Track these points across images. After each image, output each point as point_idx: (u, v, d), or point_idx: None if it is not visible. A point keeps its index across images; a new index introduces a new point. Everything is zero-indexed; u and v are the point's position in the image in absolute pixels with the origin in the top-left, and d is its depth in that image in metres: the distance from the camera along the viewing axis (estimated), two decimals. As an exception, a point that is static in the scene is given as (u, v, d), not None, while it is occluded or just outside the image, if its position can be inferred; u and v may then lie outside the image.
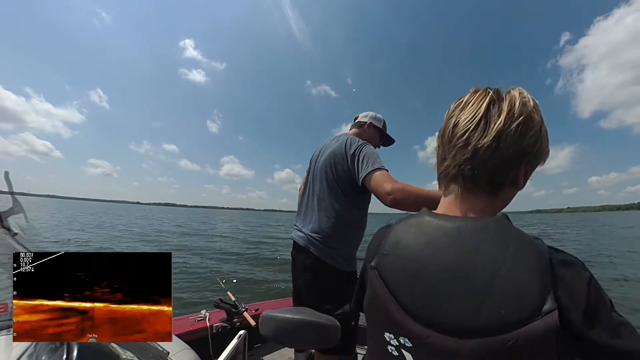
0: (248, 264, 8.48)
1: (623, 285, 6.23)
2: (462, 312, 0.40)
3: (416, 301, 0.44)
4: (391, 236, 0.53)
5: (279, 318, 0.79)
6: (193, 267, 7.34)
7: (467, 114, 0.49)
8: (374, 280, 0.51)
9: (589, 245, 14.23)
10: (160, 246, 12.22)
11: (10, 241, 0.89)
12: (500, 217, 0.46)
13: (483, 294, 0.39)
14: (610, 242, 15.02)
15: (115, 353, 0.71)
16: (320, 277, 1.34)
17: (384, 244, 0.53)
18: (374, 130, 1.57)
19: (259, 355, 2.14)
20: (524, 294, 0.38)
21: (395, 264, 0.49)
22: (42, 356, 0.66)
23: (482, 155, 0.46)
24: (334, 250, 1.33)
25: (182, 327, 1.89)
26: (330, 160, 1.38)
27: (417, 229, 0.50)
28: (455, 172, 0.50)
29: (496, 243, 0.42)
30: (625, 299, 5.12)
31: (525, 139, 0.46)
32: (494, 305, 0.38)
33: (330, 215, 1.36)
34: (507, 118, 0.46)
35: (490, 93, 0.49)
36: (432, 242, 0.47)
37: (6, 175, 0.90)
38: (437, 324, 0.42)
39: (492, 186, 0.49)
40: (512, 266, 0.39)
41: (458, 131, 0.49)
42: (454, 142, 0.50)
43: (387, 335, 0.47)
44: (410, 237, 0.50)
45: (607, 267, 8.32)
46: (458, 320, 0.40)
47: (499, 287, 0.39)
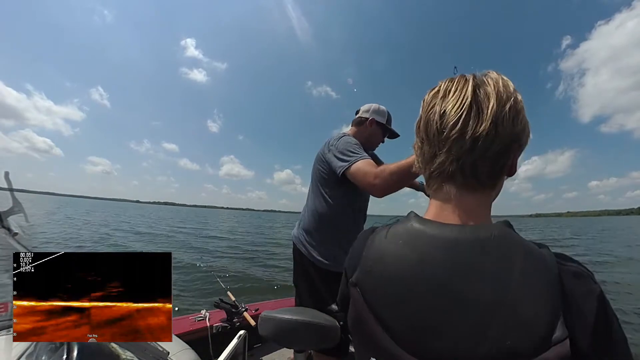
0: (248, 264, 8.48)
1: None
2: (458, 343, 0.34)
3: (405, 329, 0.37)
4: (374, 247, 0.45)
5: (278, 318, 0.79)
6: (193, 267, 7.34)
7: (452, 101, 0.42)
8: (356, 298, 0.44)
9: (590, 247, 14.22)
10: (161, 246, 12.23)
11: (10, 241, 0.89)
12: (502, 224, 0.40)
13: (485, 321, 0.33)
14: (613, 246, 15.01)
15: (115, 353, 0.71)
16: (308, 275, 1.36)
17: (366, 255, 0.46)
18: (376, 127, 1.43)
19: (259, 355, 2.14)
20: (532, 320, 0.32)
21: (380, 283, 0.41)
22: (42, 356, 0.66)
23: (483, 144, 0.40)
24: (317, 249, 1.34)
25: (182, 327, 1.89)
26: (315, 160, 1.41)
27: (405, 241, 0.42)
28: (453, 167, 0.42)
29: (499, 258, 0.36)
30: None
31: (518, 121, 0.42)
32: (498, 335, 0.32)
33: (314, 214, 1.38)
34: (498, 100, 0.40)
35: (471, 77, 0.44)
36: (423, 258, 0.39)
37: (6, 175, 0.91)
38: (429, 356, 0.35)
39: (493, 178, 0.44)
40: (518, 287, 0.34)
41: (449, 121, 0.42)
42: (446, 134, 0.42)
43: None
44: (396, 251, 0.42)
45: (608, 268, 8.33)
46: (454, 352, 0.34)
47: (504, 312, 0.33)
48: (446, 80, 0.47)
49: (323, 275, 1.33)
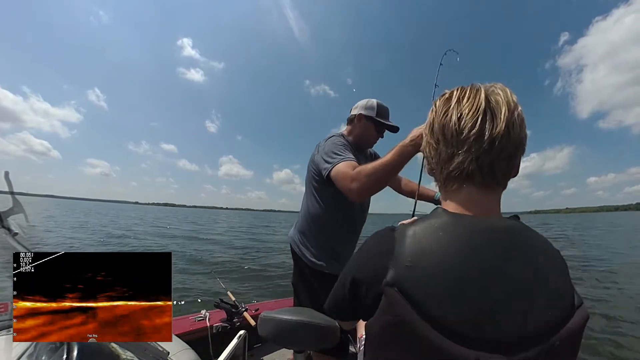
0: (248, 264, 8.48)
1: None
2: (512, 322, 0.37)
3: (461, 319, 0.37)
4: (409, 243, 0.43)
5: (277, 319, 0.79)
6: (193, 267, 7.34)
7: (468, 106, 0.46)
8: (396, 301, 0.39)
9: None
10: (161, 245, 12.23)
11: (11, 241, 0.89)
12: (515, 217, 0.46)
13: (530, 298, 0.38)
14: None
15: (115, 353, 0.71)
16: (304, 276, 1.36)
17: (400, 252, 0.42)
18: (365, 121, 1.36)
19: (259, 355, 2.14)
20: (561, 292, 0.40)
21: (427, 277, 0.39)
22: (42, 356, 0.66)
23: (499, 145, 0.44)
24: (310, 250, 1.34)
25: (182, 327, 1.89)
26: (309, 162, 1.40)
27: (445, 232, 0.42)
28: (473, 167, 0.45)
29: (527, 242, 0.42)
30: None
31: (523, 127, 0.47)
32: (541, 308, 0.37)
33: (307, 215, 1.39)
34: (508, 107, 0.45)
35: (481, 86, 0.48)
36: (468, 246, 0.41)
37: (6, 175, 0.91)
38: (486, 341, 0.36)
39: (507, 177, 0.48)
40: (545, 265, 0.40)
41: (467, 123, 0.45)
42: (465, 134, 0.45)
43: None
44: (439, 242, 0.42)
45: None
46: (509, 332, 0.36)
47: (542, 288, 0.39)
48: (457, 88, 0.51)
49: (318, 276, 1.32)
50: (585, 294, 5.15)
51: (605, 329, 3.84)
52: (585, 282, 6.33)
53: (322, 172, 1.22)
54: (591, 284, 6.24)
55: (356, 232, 1.45)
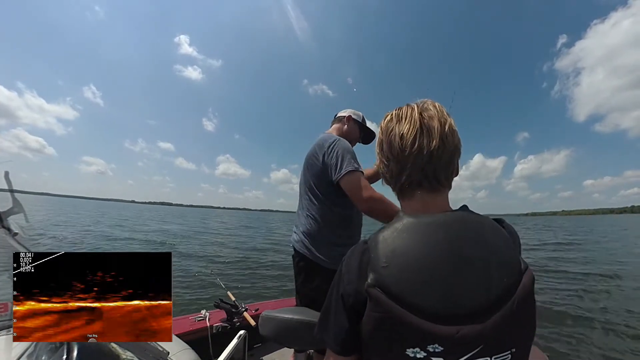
0: (248, 264, 8.48)
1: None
2: (477, 294, 0.44)
3: (438, 302, 0.44)
4: (381, 248, 0.50)
5: (278, 318, 0.79)
6: (193, 267, 7.34)
7: (407, 125, 0.56)
8: (380, 299, 0.45)
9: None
10: (160, 245, 12.23)
11: (11, 241, 0.89)
12: (463, 207, 0.56)
13: (489, 271, 0.46)
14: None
15: (115, 353, 0.71)
16: (310, 277, 1.38)
17: (375, 258, 0.49)
18: (353, 123, 1.58)
19: (259, 355, 2.14)
20: (511, 260, 0.48)
21: (402, 272, 0.46)
22: (42, 356, 0.66)
23: (437, 155, 0.55)
24: (320, 251, 1.35)
25: (182, 327, 1.89)
26: (307, 161, 1.42)
27: (408, 232, 0.50)
28: (419, 176, 0.56)
29: (477, 226, 0.50)
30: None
31: (456, 136, 0.58)
32: (498, 277, 0.45)
33: (312, 216, 1.40)
34: (440, 123, 0.56)
35: (415, 105, 0.59)
36: (430, 238, 0.49)
37: (6, 175, 0.91)
38: (463, 316, 0.43)
39: (449, 179, 0.59)
40: (494, 241, 0.49)
41: (408, 141, 0.55)
42: (408, 151, 0.55)
43: (411, 351, 0.43)
44: (406, 241, 0.49)
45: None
46: (477, 303, 0.44)
47: (496, 260, 0.47)
48: (395, 109, 0.62)
49: (323, 275, 1.35)
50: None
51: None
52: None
53: (331, 173, 1.28)
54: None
55: (357, 230, 1.49)
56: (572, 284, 6.42)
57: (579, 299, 5.39)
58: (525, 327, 0.46)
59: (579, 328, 4.01)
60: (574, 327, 4.04)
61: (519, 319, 0.45)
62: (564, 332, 3.85)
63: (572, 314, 4.51)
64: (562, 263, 9.31)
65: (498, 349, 0.43)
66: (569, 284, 6.42)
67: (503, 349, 0.44)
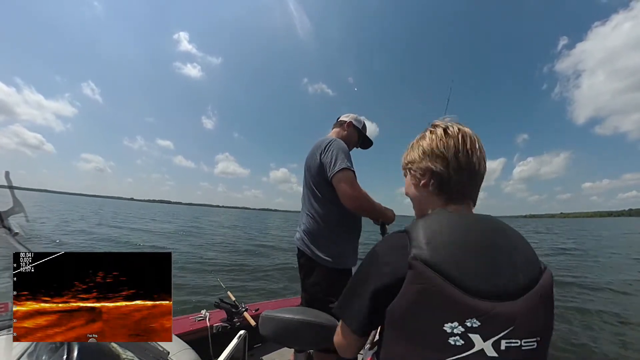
0: (249, 264, 8.48)
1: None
2: (507, 278, 0.49)
3: (476, 277, 0.47)
4: (422, 229, 0.53)
5: (278, 318, 0.79)
6: (193, 266, 7.34)
7: (468, 144, 0.62)
8: (423, 270, 0.47)
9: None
10: (161, 245, 12.23)
11: (11, 241, 0.89)
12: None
13: (514, 260, 0.51)
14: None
15: (116, 353, 0.71)
16: (311, 275, 1.41)
17: (415, 238, 0.52)
18: (353, 129, 1.65)
19: (259, 355, 2.14)
20: (532, 259, 0.53)
21: (443, 249, 0.50)
22: (42, 356, 0.66)
23: (479, 176, 0.64)
24: (320, 249, 1.39)
25: (182, 327, 1.89)
26: (307, 162, 1.48)
27: (447, 219, 0.56)
28: (469, 191, 0.64)
29: (502, 225, 0.57)
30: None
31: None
32: (522, 267, 0.51)
33: (312, 215, 1.45)
34: (480, 148, 0.64)
35: (459, 124, 0.66)
36: (466, 226, 0.55)
37: (7, 174, 0.91)
38: (498, 294, 0.47)
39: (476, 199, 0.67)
40: (517, 239, 0.55)
41: (472, 158, 0.62)
42: (470, 167, 0.62)
43: (449, 326, 0.45)
44: (445, 226, 0.54)
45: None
46: (508, 286, 0.48)
47: (519, 255, 0.52)
48: (450, 123, 0.67)
49: (322, 272, 1.38)
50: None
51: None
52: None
53: (327, 171, 1.33)
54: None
55: (356, 229, 1.52)
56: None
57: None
58: (547, 321, 0.49)
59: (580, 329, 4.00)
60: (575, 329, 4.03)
61: (542, 311, 0.48)
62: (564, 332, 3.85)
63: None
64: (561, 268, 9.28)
65: (526, 334, 0.46)
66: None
67: (530, 335, 0.47)
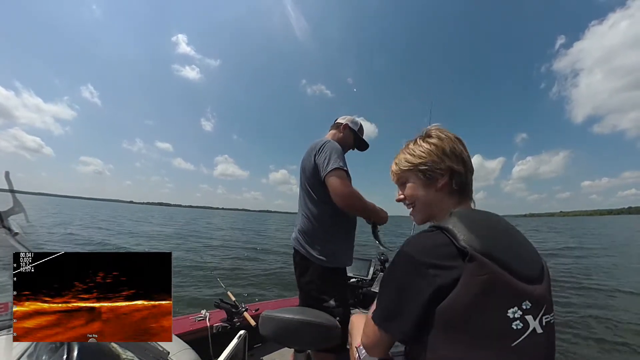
0: (249, 264, 8.48)
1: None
2: (531, 264, 0.57)
3: (519, 264, 0.54)
4: (463, 226, 0.56)
5: (278, 318, 0.79)
6: (193, 267, 7.34)
7: (465, 151, 0.73)
8: (484, 262, 0.50)
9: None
10: (161, 245, 12.22)
11: (11, 241, 0.89)
12: None
13: (530, 250, 0.60)
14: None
15: (116, 353, 0.71)
16: (306, 273, 1.43)
17: (460, 232, 0.54)
18: (349, 131, 1.66)
19: (259, 355, 2.14)
20: (537, 254, 0.61)
21: (490, 238, 0.55)
22: (42, 356, 0.66)
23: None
24: (315, 248, 1.40)
25: (182, 327, 1.89)
26: (302, 163, 1.49)
27: (476, 214, 0.64)
28: (469, 187, 0.73)
29: (511, 224, 0.63)
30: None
31: None
32: (535, 256, 0.60)
33: (308, 216, 1.46)
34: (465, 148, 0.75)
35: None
36: (490, 218, 0.63)
37: (7, 175, 0.91)
38: (533, 277, 0.55)
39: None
40: (524, 237, 0.63)
41: (467, 156, 0.73)
42: (472, 169, 0.73)
43: (511, 312, 0.49)
44: (478, 218, 0.62)
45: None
46: (534, 270, 0.57)
47: (529, 245, 0.62)
48: (449, 131, 0.75)
49: (315, 271, 1.39)
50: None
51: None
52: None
53: (320, 171, 1.34)
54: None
55: (351, 229, 1.54)
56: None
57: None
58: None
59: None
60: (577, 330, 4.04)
61: (551, 296, 0.57)
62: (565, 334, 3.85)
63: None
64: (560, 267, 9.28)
65: (550, 310, 0.55)
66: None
67: (552, 310, 0.56)
